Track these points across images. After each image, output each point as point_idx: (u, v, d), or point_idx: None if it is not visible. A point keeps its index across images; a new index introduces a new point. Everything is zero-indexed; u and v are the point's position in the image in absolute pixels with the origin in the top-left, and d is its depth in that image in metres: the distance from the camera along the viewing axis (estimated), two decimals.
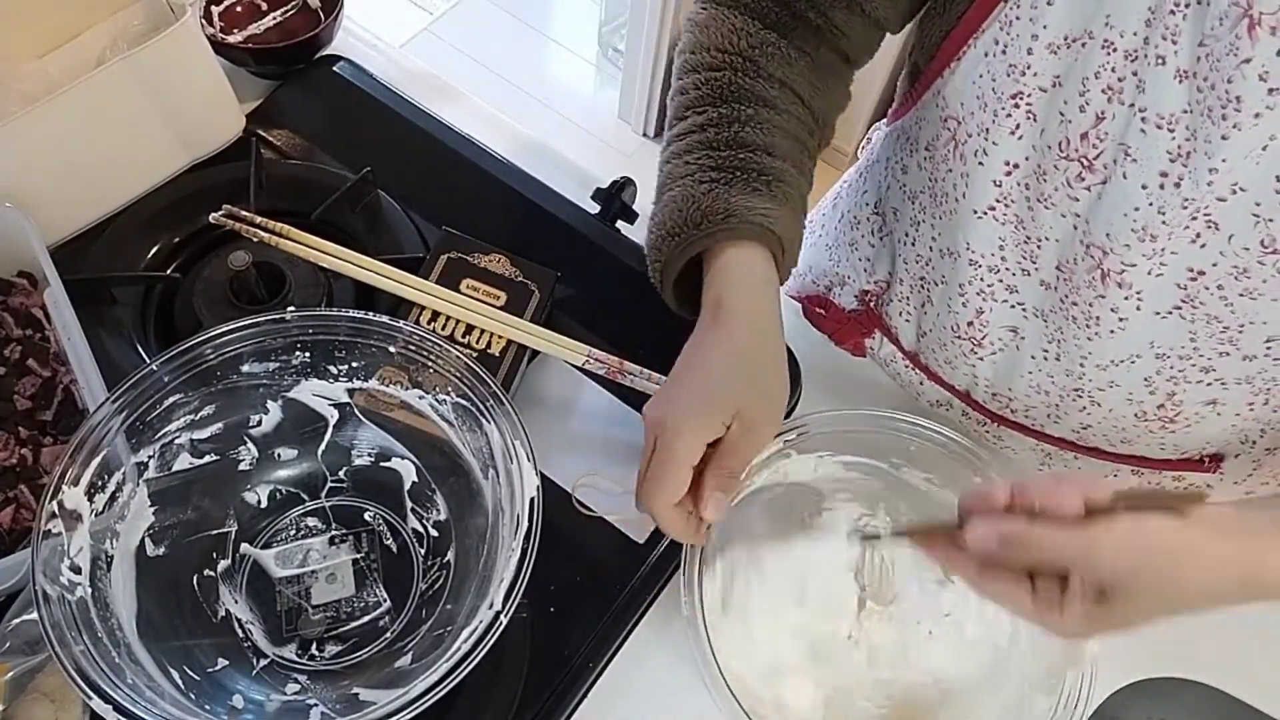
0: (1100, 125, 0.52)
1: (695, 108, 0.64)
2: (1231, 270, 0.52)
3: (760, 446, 0.57)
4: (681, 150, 0.64)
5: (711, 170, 0.61)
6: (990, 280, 0.65)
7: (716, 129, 0.63)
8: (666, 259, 0.61)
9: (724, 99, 0.63)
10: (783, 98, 0.65)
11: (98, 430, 0.56)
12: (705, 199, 0.60)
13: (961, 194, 0.62)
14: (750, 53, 0.64)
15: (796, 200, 0.63)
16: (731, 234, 0.59)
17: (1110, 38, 0.50)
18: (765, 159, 0.62)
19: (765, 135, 0.62)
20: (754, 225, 0.59)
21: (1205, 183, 0.49)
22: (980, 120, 0.58)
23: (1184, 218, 0.51)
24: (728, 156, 0.62)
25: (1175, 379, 0.61)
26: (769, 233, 0.60)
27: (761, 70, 0.64)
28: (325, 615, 0.63)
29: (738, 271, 0.60)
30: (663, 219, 0.62)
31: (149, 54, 0.73)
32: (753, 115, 0.63)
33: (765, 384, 0.58)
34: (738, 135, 0.62)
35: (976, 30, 0.57)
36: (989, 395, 0.75)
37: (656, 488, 0.55)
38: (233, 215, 0.73)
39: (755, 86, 0.64)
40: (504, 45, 2.53)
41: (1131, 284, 0.56)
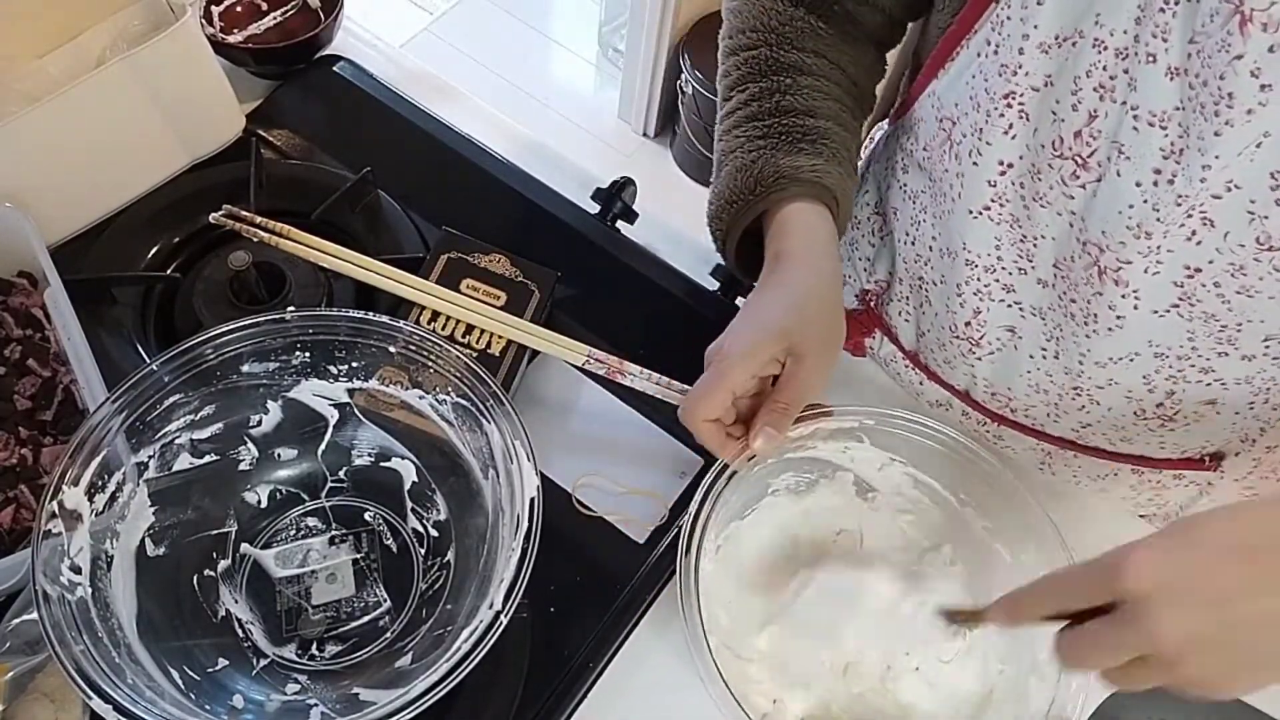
0: (1093, 123, 0.52)
1: (738, 87, 0.68)
2: (1228, 268, 0.52)
3: (813, 385, 0.59)
4: (730, 127, 0.67)
5: (759, 139, 0.65)
6: (987, 280, 0.65)
7: (759, 102, 0.66)
8: (727, 227, 0.66)
9: (762, 74, 0.67)
10: (818, 65, 0.68)
11: (98, 430, 0.56)
12: (755, 166, 0.64)
13: (957, 194, 0.62)
14: (782, 29, 0.67)
15: (843, 154, 0.66)
16: (783, 194, 0.63)
17: (1100, 36, 0.50)
18: (808, 120, 0.65)
19: (805, 99, 0.66)
20: (803, 183, 0.63)
21: (1199, 179, 0.49)
22: (974, 120, 0.58)
23: (1179, 215, 0.51)
24: (772, 125, 0.65)
25: (1174, 378, 0.61)
26: (819, 186, 0.63)
27: (794, 43, 0.67)
28: (325, 615, 0.63)
29: (793, 225, 0.63)
30: (719, 190, 0.66)
31: (149, 54, 0.73)
32: (791, 84, 0.66)
33: (818, 322, 0.60)
34: (779, 104, 0.65)
35: (969, 30, 0.57)
36: (988, 395, 0.75)
37: (696, 402, 0.59)
38: (233, 215, 0.73)
39: (790, 58, 0.67)
40: (504, 45, 2.53)
41: (1128, 281, 0.56)
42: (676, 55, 2.13)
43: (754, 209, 0.64)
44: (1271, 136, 0.46)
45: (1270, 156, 0.47)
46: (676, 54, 2.13)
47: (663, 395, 0.70)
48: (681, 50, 2.11)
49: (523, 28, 2.59)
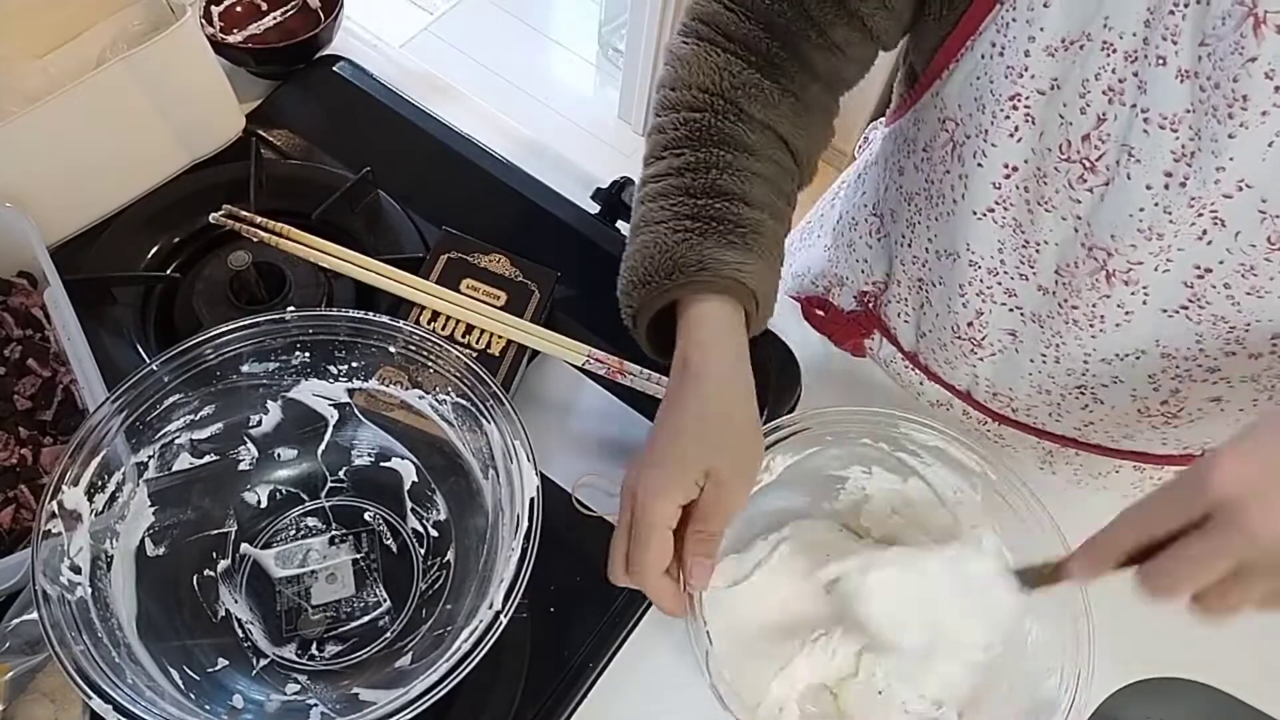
0: (1102, 127, 0.52)
1: (673, 148, 0.62)
2: (1238, 268, 0.52)
3: (734, 504, 0.55)
4: (656, 193, 0.62)
5: (687, 219, 0.60)
6: (990, 282, 0.65)
7: (694, 174, 0.61)
8: (639, 306, 0.60)
9: (703, 142, 0.62)
10: (763, 142, 0.63)
11: (98, 430, 0.56)
12: (679, 249, 0.59)
13: (960, 195, 0.62)
14: (733, 94, 0.62)
15: (772, 252, 0.61)
16: (703, 287, 0.58)
17: (1109, 39, 0.50)
18: (742, 209, 0.60)
19: (743, 184, 0.61)
20: (726, 279, 0.58)
21: (1212, 181, 0.49)
22: (979, 122, 0.58)
23: (1190, 215, 0.51)
24: (704, 205, 0.60)
25: (1180, 377, 0.61)
26: (741, 286, 0.58)
27: (743, 113, 0.62)
28: (325, 615, 0.63)
29: (706, 327, 0.58)
30: (635, 264, 0.61)
31: (149, 54, 0.73)
32: (731, 161, 0.61)
33: (734, 441, 0.56)
34: (715, 183, 0.60)
35: (974, 32, 0.57)
36: (990, 395, 0.75)
37: (643, 554, 0.53)
38: (233, 215, 0.73)
39: (735, 131, 0.62)
40: (504, 45, 2.53)
41: (1138, 280, 0.56)
42: None
43: (669, 295, 0.59)
44: None
45: None
46: None
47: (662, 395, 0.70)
48: None
49: (523, 28, 2.59)
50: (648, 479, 0.54)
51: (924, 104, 0.64)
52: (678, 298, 0.59)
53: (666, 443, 0.56)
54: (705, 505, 0.54)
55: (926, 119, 0.64)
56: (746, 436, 0.57)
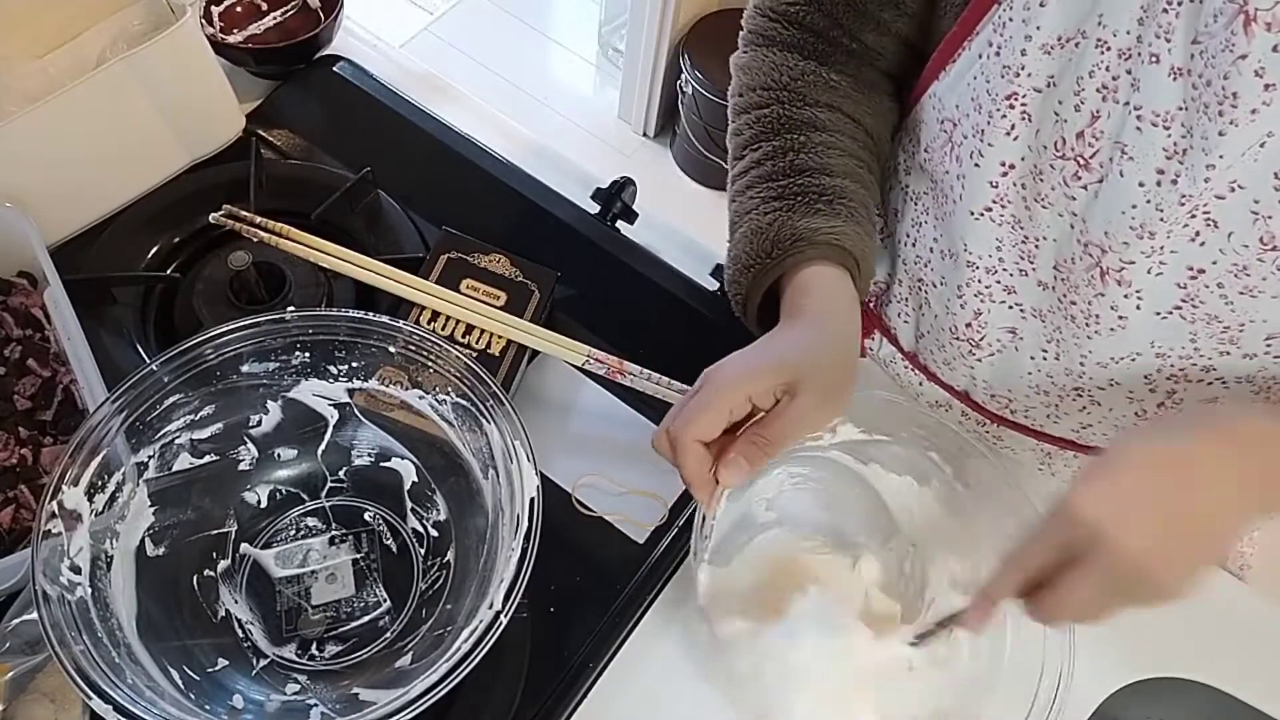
0: (1096, 124, 0.53)
1: (750, 146, 0.66)
2: (1231, 268, 0.52)
3: (801, 427, 0.55)
4: (744, 187, 0.66)
5: (774, 200, 0.63)
6: (988, 281, 0.65)
7: (773, 161, 0.65)
8: (746, 291, 0.63)
9: (775, 132, 0.65)
10: (832, 120, 0.66)
11: (98, 430, 0.56)
12: (772, 229, 0.62)
13: (959, 195, 0.63)
14: (793, 85, 0.66)
15: (861, 212, 0.64)
16: (801, 256, 0.61)
17: (1103, 37, 0.50)
18: (824, 179, 0.63)
19: (820, 157, 0.64)
20: (821, 245, 0.61)
21: (1203, 179, 0.49)
22: (975, 121, 0.58)
23: (1182, 215, 0.51)
24: (787, 185, 0.63)
25: (1175, 378, 0.61)
26: (837, 248, 0.61)
27: (807, 99, 0.66)
28: (325, 615, 0.63)
29: (813, 286, 0.61)
30: (736, 254, 0.64)
31: (149, 54, 0.73)
32: (805, 142, 0.64)
33: (825, 368, 0.56)
34: (793, 163, 0.64)
35: (971, 32, 0.57)
36: (988, 396, 0.75)
37: (687, 420, 0.54)
38: (233, 215, 0.73)
39: (803, 114, 0.65)
40: (504, 45, 2.53)
41: (1131, 282, 0.56)
42: (676, 55, 2.13)
43: (772, 273, 0.62)
44: (1275, 136, 0.46)
45: (1274, 156, 0.47)
46: (676, 54, 2.13)
47: (663, 395, 0.70)
48: (681, 50, 2.11)
49: (523, 28, 2.59)
50: (729, 365, 0.56)
51: (923, 105, 0.65)
52: (780, 273, 0.62)
53: (760, 346, 0.58)
54: (775, 413, 0.55)
55: (926, 119, 0.65)
56: (841, 368, 0.58)
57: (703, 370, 0.58)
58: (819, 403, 0.54)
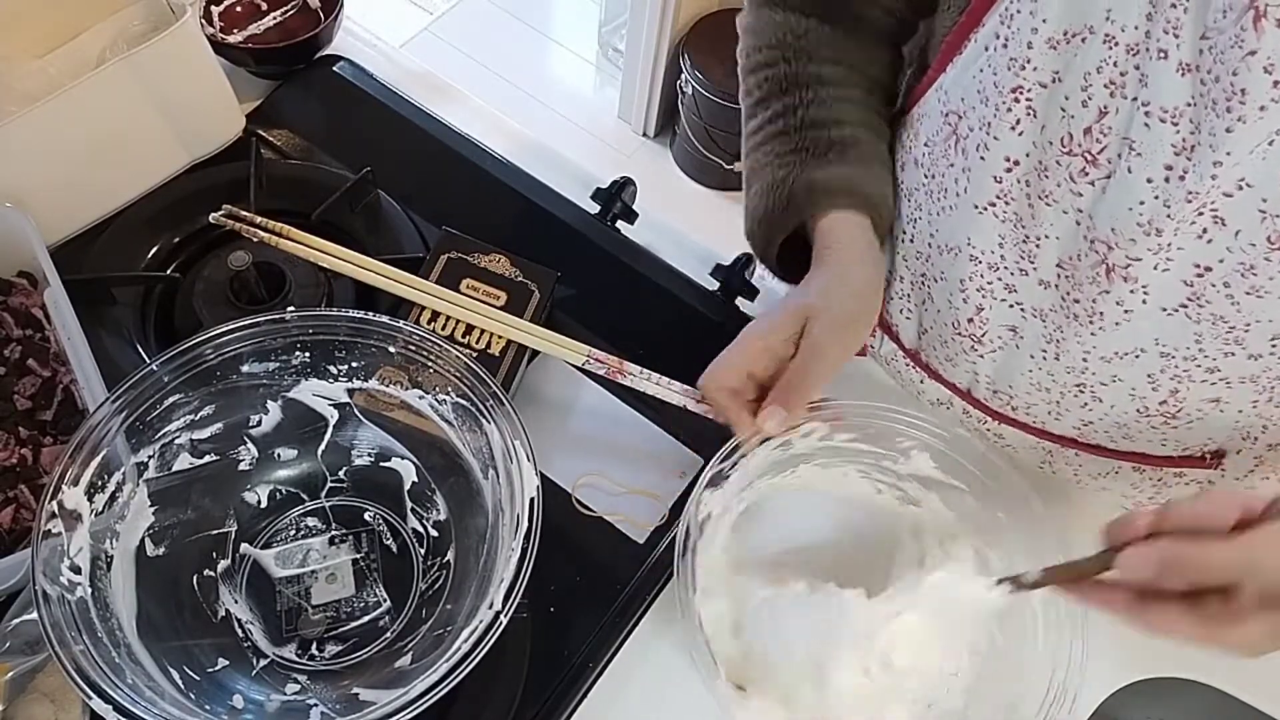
0: (1103, 120, 0.52)
1: (761, 104, 0.69)
2: (1238, 267, 0.52)
3: (821, 367, 0.60)
4: (757, 144, 0.69)
5: (788, 154, 0.66)
6: (990, 278, 0.65)
7: (784, 118, 0.67)
8: (764, 243, 0.67)
9: (784, 89, 0.68)
10: (838, 74, 0.68)
11: (98, 430, 0.56)
12: (787, 182, 0.65)
13: (963, 189, 0.62)
14: (798, 42, 0.68)
15: (875, 157, 0.67)
16: (817, 206, 0.64)
17: (1111, 32, 0.50)
18: (835, 130, 0.66)
19: (830, 110, 0.67)
20: (836, 193, 0.64)
21: (1209, 176, 0.49)
22: (981, 114, 0.58)
23: (1189, 212, 0.51)
24: (799, 139, 0.66)
25: (1179, 376, 0.61)
26: (853, 195, 0.64)
27: (812, 55, 0.68)
28: (325, 615, 0.63)
29: (833, 236, 0.64)
30: (752, 208, 0.67)
31: (149, 54, 0.73)
32: (813, 96, 0.67)
33: (838, 305, 0.61)
34: (804, 118, 0.66)
35: (977, 23, 0.57)
36: (990, 393, 0.75)
37: (712, 369, 0.61)
38: (233, 215, 0.73)
39: (810, 70, 0.68)
40: (504, 45, 2.53)
41: (1137, 278, 0.56)
42: (676, 55, 2.13)
43: (787, 225, 0.65)
44: None
45: None
46: (676, 54, 2.13)
47: (663, 395, 0.70)
48: (681, 50, 2.11)
49: (523, 28, 2.59)
50: (761, 318, 0.62)
51: (928, 97, 0.65)
52: (795, 225, 0.65)
53: (786, 299, 0.63)
54: (796, 359, 0.60)
55: (930, 113, 0.65)
56: (854, 302, 0.63)
57: (705, 368, 0.63)
58: (833, 335, 0.60)
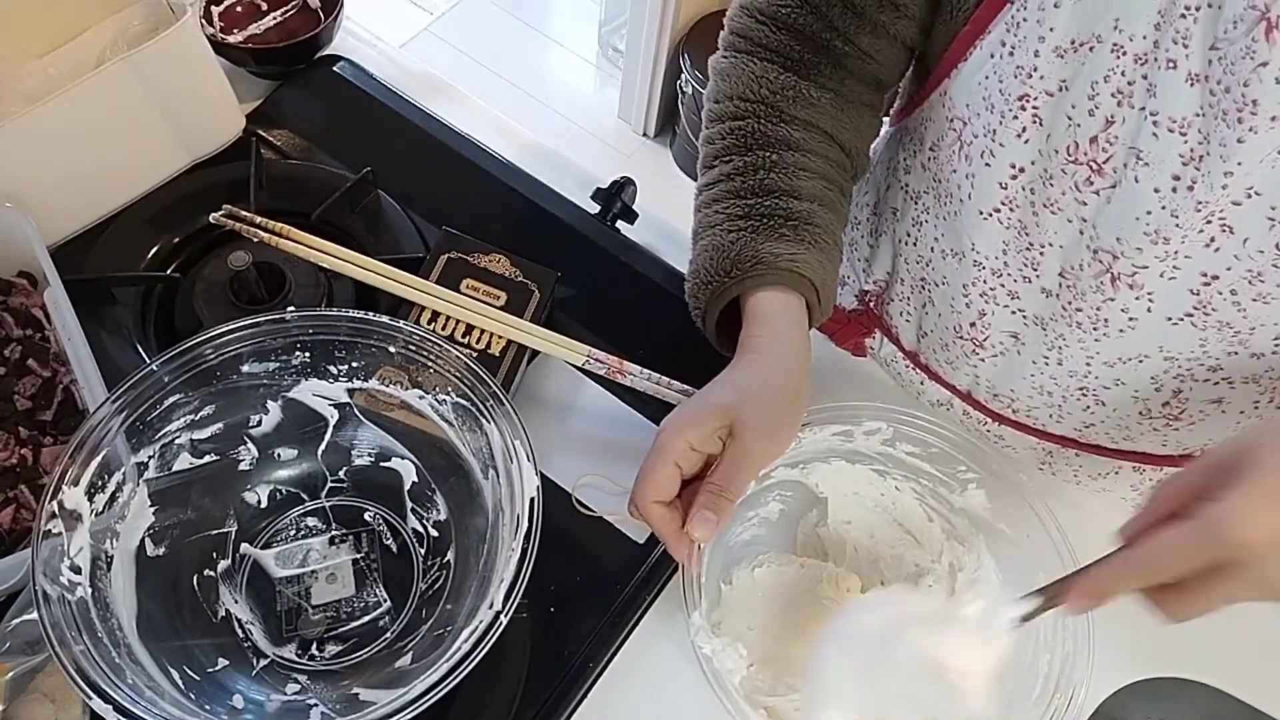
0: (1110, 129, 0.52)
1: (722, 157, 0.66)
2: (1245, 274, 0.52)
3: (748, 467, 0.56)
4: (710, 200, 0.65)
5: (739, 219, 0.63)
6: (993, 283, 0.65)
7: (743, 177, 0.64)
8: (705, 306, 0.64)
9: (749, 147, 0.65)
10: (808, 139, 0.65)
11: (98, 430, 0.56)
12: (734, 247, 0.62)
13: (967, 194, 0.62)
14: (772, 99, 0.65)
15: (826, 239, 0.64)
16: (760, 280, 0.61)
17: (1119, 41, 0.50)
18: (791, 203, 0.63)
19: (790, 179, 0.64)
20: (780, 271, 0.61)
21: (1220, 186, 0.49)
22: (987, 121, 0.58)
23: (1197, 221, 0.51)
24: (754, 204, 0.63)
25: (1182, 377, 0.61)
26: (796, 275, 0.61)
27: (784, 114, 0.65)
28: (325, 615, 0.63)
29: (762, 314, 0.61)
30: (696, 268, 0.64)
31: (149, 54, 0.73)
32: (777, 161, 0.64)
33: (763, 405, 0.57)
34: (763, 182, 0.63)
35: (984, 31, 0.57)
36: (990, 395, 0.75)
37: (641, 482, 0.56)
38: (233, 215, 0.73)
39: (778, 132, 0.65)
40: (504, 45, 2.53)
41: (1144, 286, 0.56)
42: (676, 55, 2.13)
43: (730, 292, 0.62)
44: None
45: None
46: (676, 54, 2.13)
47: (663, 395, 0.70)
48: (681, 50, 2.11)
49: (523, 28, 2.59)
50: (672, 416, 0.58)
51: (932, 102, 0.64)
52: (738, 293, 0.62)
53: (703, 392, 0.59)
54: (723, 461, 0.56)
55: (934, 117, 0.64)
56: (782, 402, 0.58)
57: (706, 368, 0.60)
58: (760, 438, 0.56)
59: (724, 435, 0.56)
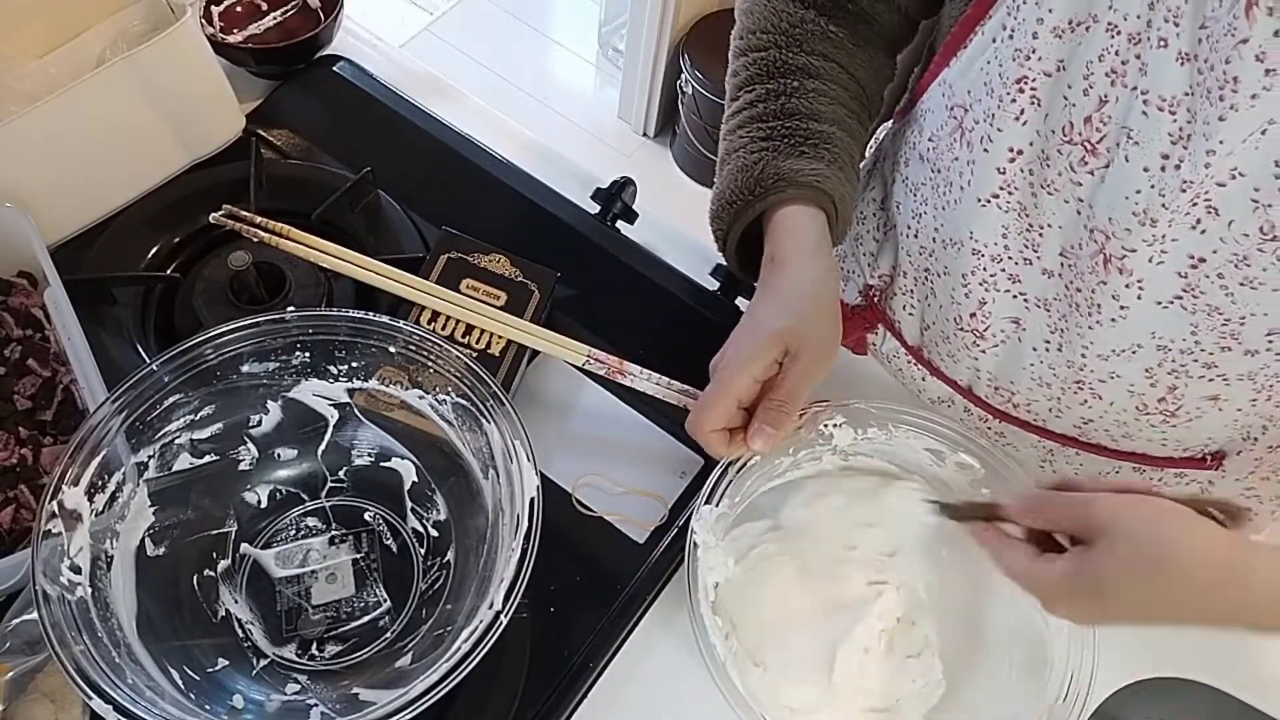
0: (1103, 109, 0.53)
1: (745, 87, 0.69)
2: (1231, 258, 0.52)
3: (809, 380, 0.60)
4: (735, 126, 0.68)
5: (762, 140, 0.66)
6: (993, 270, 0.66)
7: (765, 103, 0.67)
8: (727, 226, 0.67)
9: (770, 75, 0.68)
10: (826, 69, 0.68)
11: (98, 430, 0.56)
12: (756, 167, 0.65)
13: (966, 182, 0.63)
14: (792, 31, 0.68)
15: (845, 159, 0.67)
16: (781, 196, 0.64)
17: (1114, 20, 0.50)
18: (812, 124, 0.66)
19: (810, 103, 0.67)
20: (802, 186, 0.63)
21: (1203, 165, 0.49)
22: (987, 106, 0.58)
23: (1184, 202, 0.51)
24: (776, 127, 0.66)
25: (1176, 372, 0.61)
26: (818, 191, 0.64)
27: (804, 46, 0.68)
28: (325, 615, 0.63)
29: (787, 228, 0.64)
30: (720, 189, 0.67)
31: (149, 54, 0.73)
32: (798, 87, 0.67)
33: (812, 322, 0.61)
34: (784, 106, 0.66)
35: (984, 16, 0.57)
36: (991, 390, 0.75)
37: (702, 414, 0.60)
38: (233, 215, 0.73)
39: (798, 60, 0.68)
40: (504, 45, 2.53)
41: (1133, 270, 0.56)
42: (676, 55, 2.13)
43: (752, 210, 0.65)
44: (1276, 124, 0.46)
45: (1275, 144, 0.47)
46: (676, 54, 2.13)
47: (663, 395, 0.70)
48: (681, 50, 2.11)
49: (523, 28, 2.59)
50: (728, 355, 0.61)
51: (931, 92, 0.65)
52: (760, 211, 0.65)
53: (748, 322, 0.62)
54: (782, 379, 0.60)
55: (934, 107, 0.65)
56: (824, 318, 0.62)
57: (705, 368, 0.62)
58: (816, 356, 0.60)
59: (780, 359, 0.60)
